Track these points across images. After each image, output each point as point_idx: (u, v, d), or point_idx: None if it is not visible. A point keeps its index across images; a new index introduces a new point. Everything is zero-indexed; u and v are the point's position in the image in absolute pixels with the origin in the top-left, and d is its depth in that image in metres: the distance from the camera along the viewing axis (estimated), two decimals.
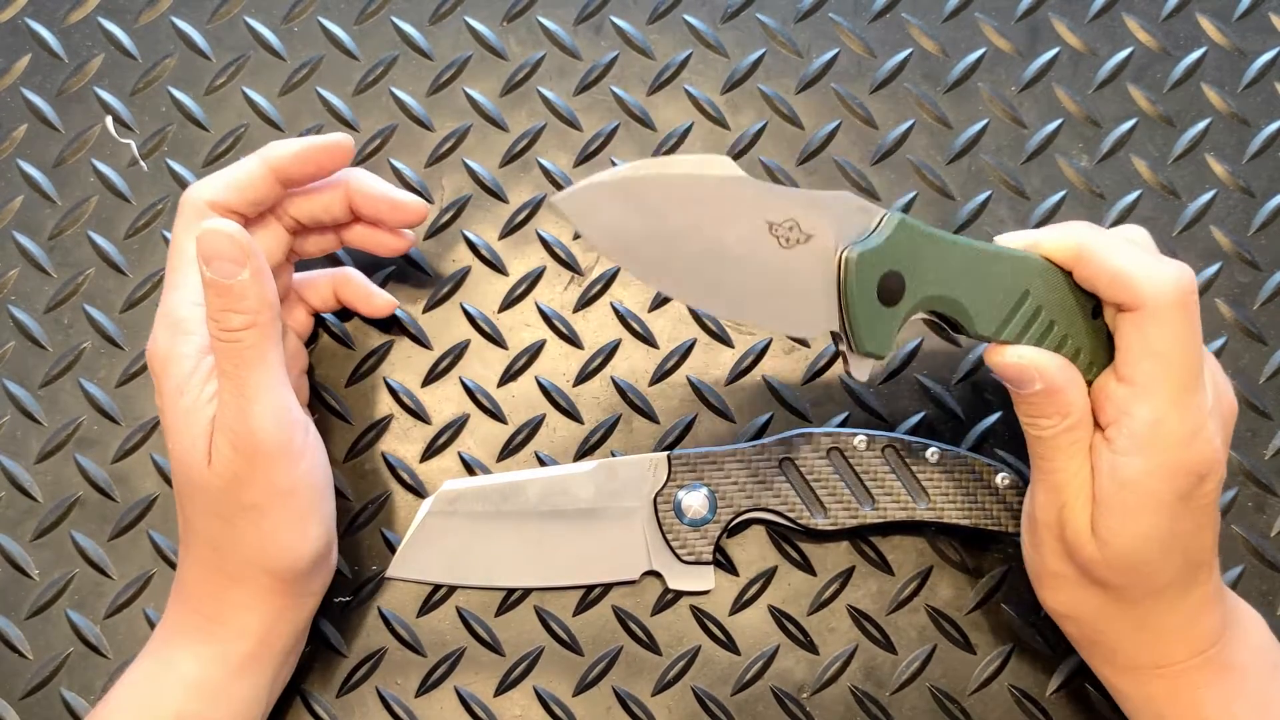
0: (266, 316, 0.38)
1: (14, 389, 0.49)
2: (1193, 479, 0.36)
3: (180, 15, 0.52)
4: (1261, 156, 0.51)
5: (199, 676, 0.39)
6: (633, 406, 0.48)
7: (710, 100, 0.51)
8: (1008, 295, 0.37)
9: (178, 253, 0.40)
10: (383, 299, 0.47)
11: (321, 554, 0.40)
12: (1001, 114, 0.51)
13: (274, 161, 0.41)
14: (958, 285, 0.37)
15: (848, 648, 0.46)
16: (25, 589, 0.47)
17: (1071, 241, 0.38)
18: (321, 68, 0.51)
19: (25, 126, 0.51)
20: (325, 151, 0.41)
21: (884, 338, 0.36)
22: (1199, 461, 0.36)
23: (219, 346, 0.37)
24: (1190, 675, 0.39)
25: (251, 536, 0.38)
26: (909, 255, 0.36)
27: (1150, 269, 0.36)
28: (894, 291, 0.35)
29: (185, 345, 0.38)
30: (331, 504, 0.41)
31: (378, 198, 0.43)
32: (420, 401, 0.48)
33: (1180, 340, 0.36)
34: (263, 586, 0.40)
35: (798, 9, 0.52)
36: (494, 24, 0.52)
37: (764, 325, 0.40)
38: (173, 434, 0.38)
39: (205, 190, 0.40)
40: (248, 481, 0.38)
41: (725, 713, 0.46)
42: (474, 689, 0.46)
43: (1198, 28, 0.52)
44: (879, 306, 0.36)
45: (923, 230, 0.36)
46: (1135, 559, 0.37)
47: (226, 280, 0.37)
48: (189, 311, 0.39)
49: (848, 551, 0.47)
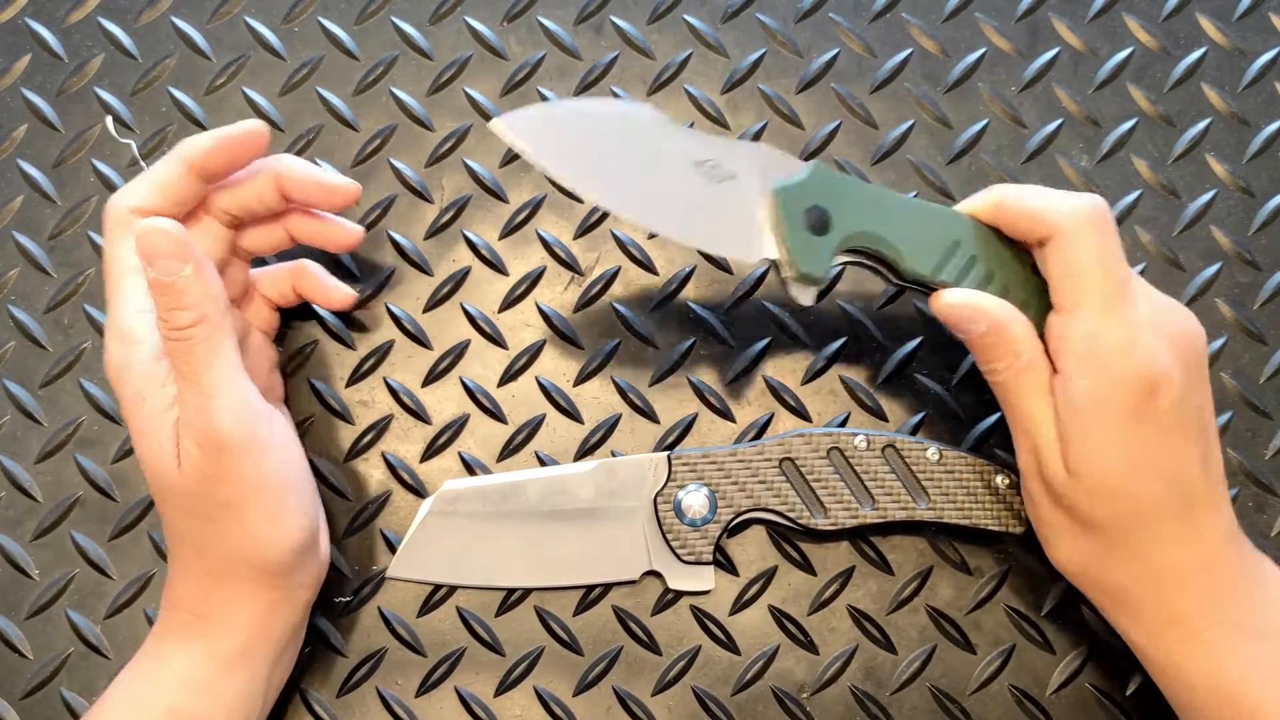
0: (213, 310, 0.37)
1: (14, 389, 0.49)
2: (1139, 389, 0.37)
3: (180, 15, 0.52)
4: (1261, 156, 0.51)
5: (192, 673, 0.40)
6: (633, 406, 0.48)
7: (710, 100, 0.51)
8: (938, 242, 0.41)
9: (112, 264, 0.40)
10: (340, 292, 0.46)
11: (305, 545, 0.40)
12: (1001, 114, 0.51)
13: (190, 157, 0.40)
14: (884, 224, 0.41)
15: (848, 648, 0.46)
16: (25, 589, 0.47)
17: (991, 197, 0.41)
18: (321, 68, 0.51)
19: (25, 126, 0.51)
20: (239, 141, 0.41)
21: (817, 262, 0.40)
22: (1141, 369, 0.37)
23: (171, 346, 0.37)
24: (1213, 640, 0.38)
25: (231, 533, 0.39)
26: (830, 194, 0.40)
27: (1059, 199, 0.39)
28: (821, 224, 0.40)
29: (137, 354, 0.38)
30: (311, 495, 0.41)
31: (307, 181, 0.43)
32: (420, 401, 0.48)
33: (1097, 255, 0.38)
34: (249, 582, 0.40)
35: (798, 9, 0.52)
36: (494, 24, 0.52)
37: (694, 243, 0.42)
38: (140, 442, 0.39)
39: (128, 197, 0.40)
40: (218, 479, 0.38)
41: (725, 713, 0.46)
42: (474, 689, 0.46)
43: (1198, 28, 0.52)
44: (809, 235, 0.40)
45: (839, 176, 0.41)
46: (1107, 483, 0.38)
47: (169, 278, 0.37)
48: (135, 320, 0.39)
49: (848, 551, 0.47)
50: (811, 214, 0.40)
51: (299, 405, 0.48)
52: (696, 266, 0.49)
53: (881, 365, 0.49)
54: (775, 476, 0.45)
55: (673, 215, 0.40)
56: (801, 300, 0.41)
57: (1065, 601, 0.46)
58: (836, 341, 0.49)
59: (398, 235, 0.50)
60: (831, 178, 0.41)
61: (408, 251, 0.50)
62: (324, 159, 0.50)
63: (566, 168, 0.40)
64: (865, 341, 0.49)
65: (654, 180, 0.40)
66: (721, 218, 0.40)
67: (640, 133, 0.41)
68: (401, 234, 0.50)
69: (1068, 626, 0.46)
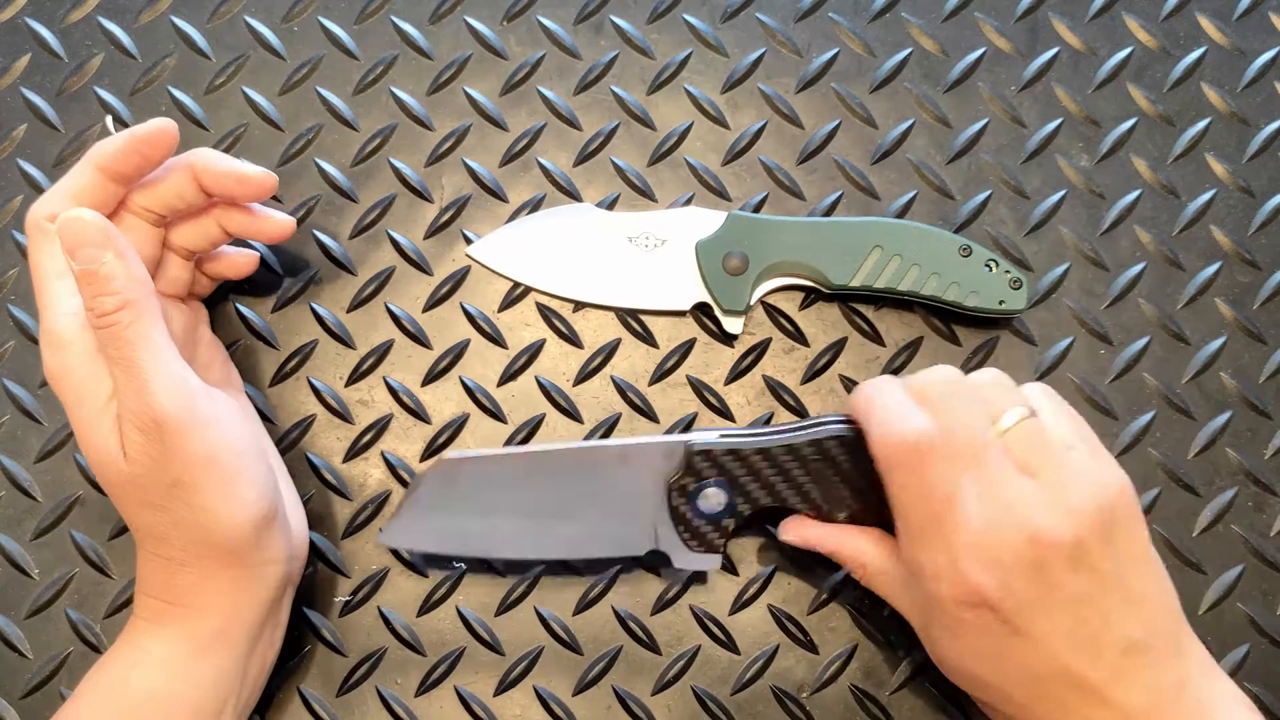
0: (139, 294, 0.38)
1: (14, 389, 0.49)
2: (966, 605, 0.37)
3: (180, 15, 0.52)
4: (1261, 156, 0.51)
5: (168, 656, 0.40)
6: (632, 406, 0.48)
7: (710, 100, 0.51)
8: (858, 251, 0.47)
9: (36, 271, 0.40)
10: (274, 220, 0.45)
11: (262, 518, 0.40)
12: (1001, 114, 0.51)
13: (101, 161, 0.40)
14: (801, 250, 0.47)
15: (848, 647, 0.46)
16: (25, 589, 0.47)
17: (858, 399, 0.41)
18: (321, 67, 0.51)
19: (25, 126, 0.51)
20: (148, 142, 0.41)
21: (738, 299, 0.48)
22: (959, 593, 0.37)
23: (101, 335, 0.38)
24: None
25: (185, 516, 0.39)
26: (744, 238, 0.48)
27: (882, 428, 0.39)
28: (738, 265, 0.47)
29: (69, 357, 0.39)
30: (265, 469, 0.41)
31: (222, 173, 0.43)
32: (420, 401, 0.48)
33: (904, 491, 0.39)
34: (211, 561, 0.40)
35: (798, 8, 0.52)
36: (494, 24, 0.52)
37: (638, 305, 0.49)
38: (86, 442, 0.39)
39: (44, 207, 0.40)
40: (164, 460, 0.38)
41: (725, 712, 0.46)
42: (474, 689, 0.46)
43: (1198, 27, 0.52)
44: (729, 277, 0.48)
45: (753, 220, 0.48)
46: (973, 678, 0.39)
47: (92, 266, 0.38)
48: (64, 323, 0.39)
49: None
50: (729, 259, 0.47)
51: (299, 406, 0.48)
52: None
53: (881, 365, 0.49)
54: (795, 469, 0.43)
55: (620, 288, 0.49)
56: (730, 329, 0.48)
57: None
58: (836, 341, 0.49)
59: (397, 235, 0.50)
60: (745, 223, 0.48)
61: (407, 251, 0.50)
62: (324, 159, 0.50)
63: (530, 276, 0.49)
64: (865, 341, 0.49)
65: (599, 264, 0.49)
66: (658, 279, 0.49)
67: (582, 228, 0.49)
68: (401, 233, 0.50)
69: None
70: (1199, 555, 0.47)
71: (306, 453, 0.48)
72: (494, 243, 0.49)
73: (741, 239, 0.48)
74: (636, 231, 0.49)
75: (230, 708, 0.41)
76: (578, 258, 0.49)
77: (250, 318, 0.49)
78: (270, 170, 0.43)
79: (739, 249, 0.47)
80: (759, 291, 0.48)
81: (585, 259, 0.49)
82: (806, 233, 0.47)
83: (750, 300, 0.48)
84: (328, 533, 0.47)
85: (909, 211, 0.50)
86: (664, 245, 0.49)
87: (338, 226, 0.50)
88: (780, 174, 0.50)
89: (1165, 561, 0.38)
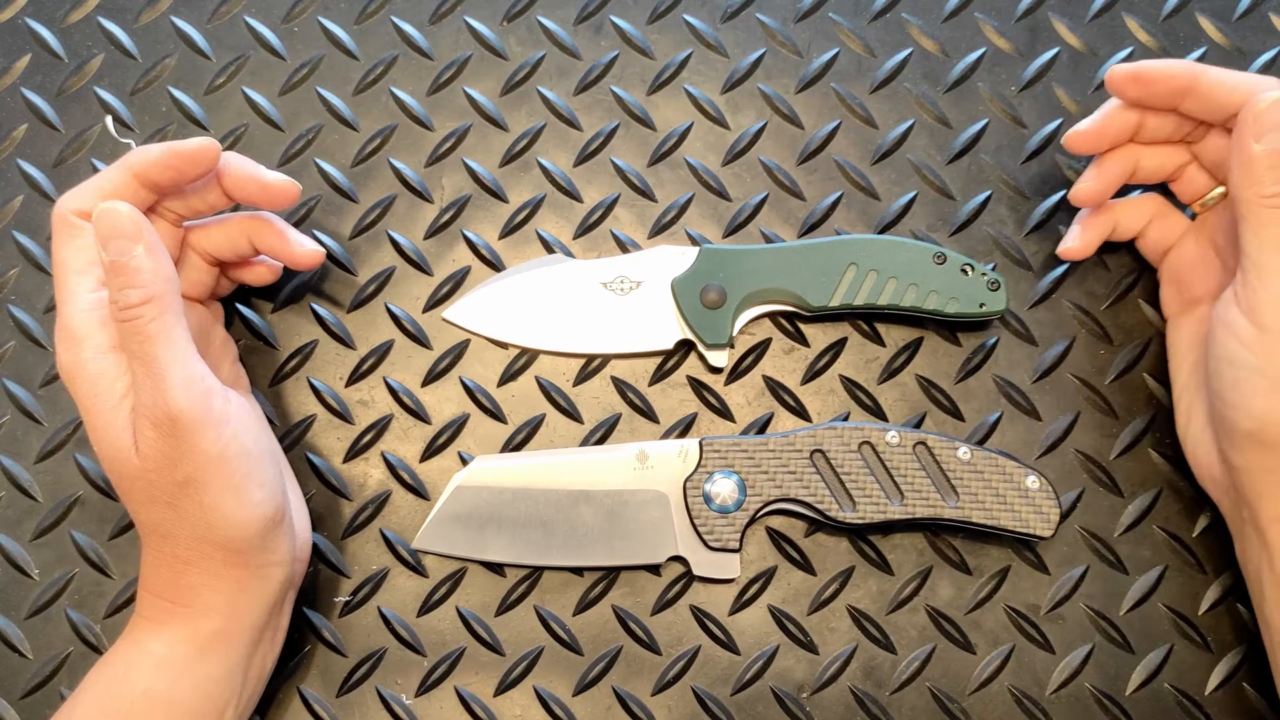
0: (163, 290, 0.38)
1: (14, 389, 0.49)
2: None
3: (180, 15, 0.52)
4: None
5: (167, 656, 0.40)
6: (632, 406, 0.48)
7: (710, 100, 0.51)
8: (833, 271, 0.47)
9: (59, 266, 0.40)
10: (304, 248, 0.45)
11: (269, 519, 0.40)
12: (1001, 114, 0.51)
13: (137, 168, 0.41)
14: (777, 277, 0.47)
15: (847, 647, 0.46)
16: (25, 589, 0.47)
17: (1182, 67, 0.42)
18: (321, 67, 0.51)
19: (25, 126, 0.51)
20: (187, 158, 0.41)
21: (720, 331, 0.47)
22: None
23: (123, 328, 0.38)
24: None
25: (194, 513, 0.39)
26: (719, 270, 0.47)
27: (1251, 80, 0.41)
28: (716, 299, 0.47)
29: (85, 351, 0.39)
30: (274, 470, 0.41)
31: (245, 177, 0.43)
32: (420, 401, 0.48)
33: None
34: (217, 561, 0.40)
35: (798, 9, 0.52)
36: (494, 24, 0.52)
37: (621, 350, 0.48)
38: (98, 436, 0.39)
39: (73, 201, 0.40)
40: (176, 457, 0.38)
41: (725, 712, 0.46)
42: (474, 689, 0.46)
43: (1198, 28, 0.52)
44: (707, 311, 0.47)
45: (726, 251, 0.48)
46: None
47: (123, 258, 0.38)
48: (82, 319, 0.39)
49: (847, 551, 0.47)
50: (707, 292, 0.47)
51: (299, 405, 0.48)
52: None
53: (881, 365, 0.49)
54: (805, 468, 0.45)
55: (600, 335, 0.48)
56: (715, 363, 0.48)
57: (1064, 601, 0.46)
58: (836, 341, 0.49)
59: (397, 235, 0.50)
60: (718, 255, 0.47)
61: (407, 251, 0.50)
62: (324, 159, 0.50)
63: (509, 335, 0.48)
64: (865, 341, 0.49)
65: (577, 315, 0.48)
66: (638, 322, 0.48)
67: (555, 281, 0.48)
68: (401, 233, 0.50)
69: (1067, 626, 0.46)
70: (1215, 556, 0.47)
71: (306, 453, 0.48)
72: (470, 305, 0.49)
73: (716, 271, 0.47)
74: (610, 276, 0.48)
75: (230, 709, 0.41)
76: (555, 311, 0.48)
77: (250, 318, 0.49)
78: (294, 180, 0.44)
79: (715, 281, 0.47)
80: (740, 322, 0.48)
81: (562, 311, 0.48)
82: (780, 258, 0.47)
83: (733, 332, 0.47)
84: (328, 533, 0.47)
85: (909, 212, 0.50)
86: (639, 287, 0.48)
87: (338, 227, 0.50)
88: (780, 174, 0.50)
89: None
